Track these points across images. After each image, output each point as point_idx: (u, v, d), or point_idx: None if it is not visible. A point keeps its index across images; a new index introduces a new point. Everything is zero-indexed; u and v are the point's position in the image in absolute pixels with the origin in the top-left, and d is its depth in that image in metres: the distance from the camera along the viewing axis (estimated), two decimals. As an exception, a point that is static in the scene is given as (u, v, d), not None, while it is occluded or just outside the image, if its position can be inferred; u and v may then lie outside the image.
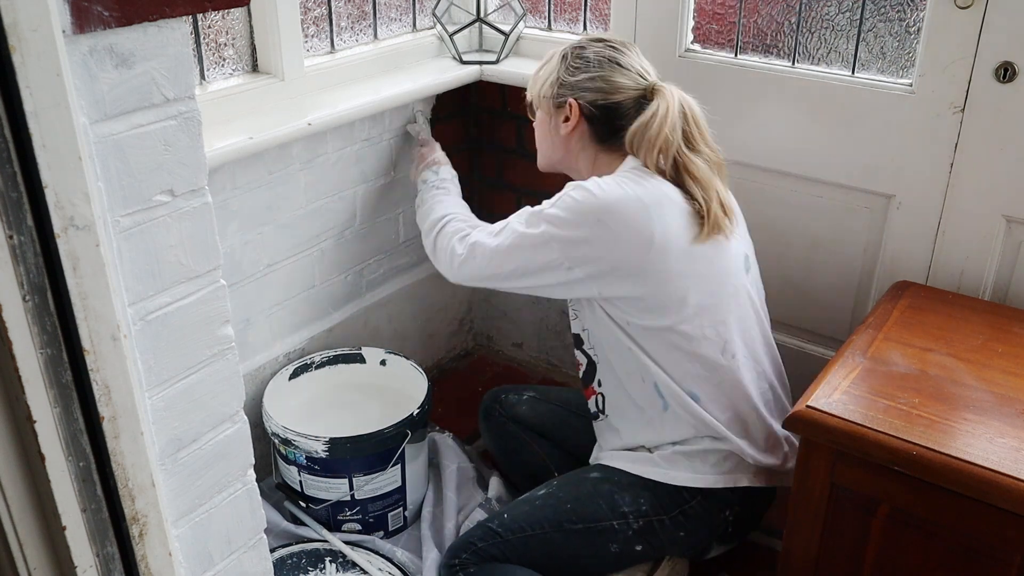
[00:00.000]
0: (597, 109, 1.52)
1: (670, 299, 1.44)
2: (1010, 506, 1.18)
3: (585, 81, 1.52)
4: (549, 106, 1.58)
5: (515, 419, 1.85)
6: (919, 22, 1.66)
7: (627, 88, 1.51)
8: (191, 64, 0.80)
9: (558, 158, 1.61)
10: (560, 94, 1.55)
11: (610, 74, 1.51)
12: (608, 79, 1.51)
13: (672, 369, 1.48)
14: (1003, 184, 1.62)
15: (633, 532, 1.49)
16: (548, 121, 1.60)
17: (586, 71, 1.53)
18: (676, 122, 1.47)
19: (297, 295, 1.95)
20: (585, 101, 1.52)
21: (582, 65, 1.53)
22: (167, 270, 0.83)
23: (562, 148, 1.59)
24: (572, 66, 1.54)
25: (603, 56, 1.53)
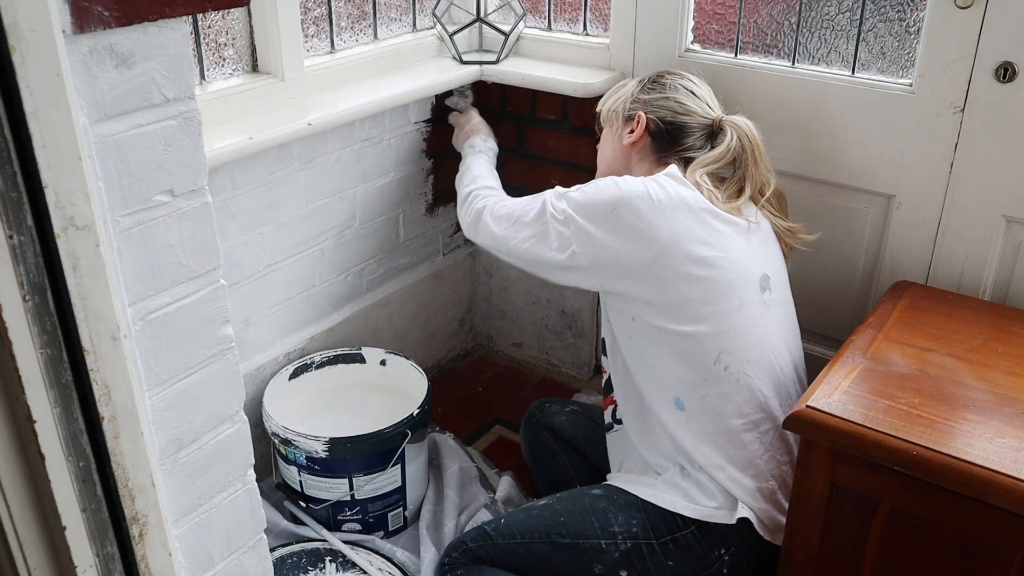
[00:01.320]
0: (664, 125, 1.60)
1: (671, 301, 1.44)
2: (1010, 506, 1.18)
3: (658, 99, 1.62)
4: (618, 120, 1.66)
5: (551, 428, 1.86)
6: (919, 22, 1.66)
7: (696, 114, 1.60)
8: (191, 64, 0.80)
9: (615, 169, 1.66)
10: (632, 108, 1.64)
11: (683, 98, 1.61)
12: (680, 101, 1.61)
13: (665, 372, 1.47)
14: (1003, 184, 1.62)
15: (620, 554, 1.46)
16: (612, 134, 1.68)
17: (661, 92, 1.63)
18: (755, 152, 1.57)
19: (297, 295, 1.95)
20: (654, 116, 1.61)
21: (657, 88, 1.64)
22: (167, 270, 0.83)
23: (623, 158, 1.65)
24: (648, 87, 1.65)
25: (678, 84, 1.64)
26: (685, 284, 1.43)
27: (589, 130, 2.10)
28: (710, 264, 1.44)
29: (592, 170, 2.13)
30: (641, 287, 1.45)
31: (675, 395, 1.47)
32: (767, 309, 1.51)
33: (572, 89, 2.00)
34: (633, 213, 1.44)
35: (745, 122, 1.59)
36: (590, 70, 2.05)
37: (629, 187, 1.47)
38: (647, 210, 1.44)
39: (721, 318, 1.45)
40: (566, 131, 2.13)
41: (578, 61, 2.09)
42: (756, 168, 1.57)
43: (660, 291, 1.44)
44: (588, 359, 2.35)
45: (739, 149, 1.56)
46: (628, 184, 1.47)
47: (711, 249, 1.44)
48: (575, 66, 2.08)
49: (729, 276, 1.46)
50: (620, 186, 1.47)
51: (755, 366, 1.47)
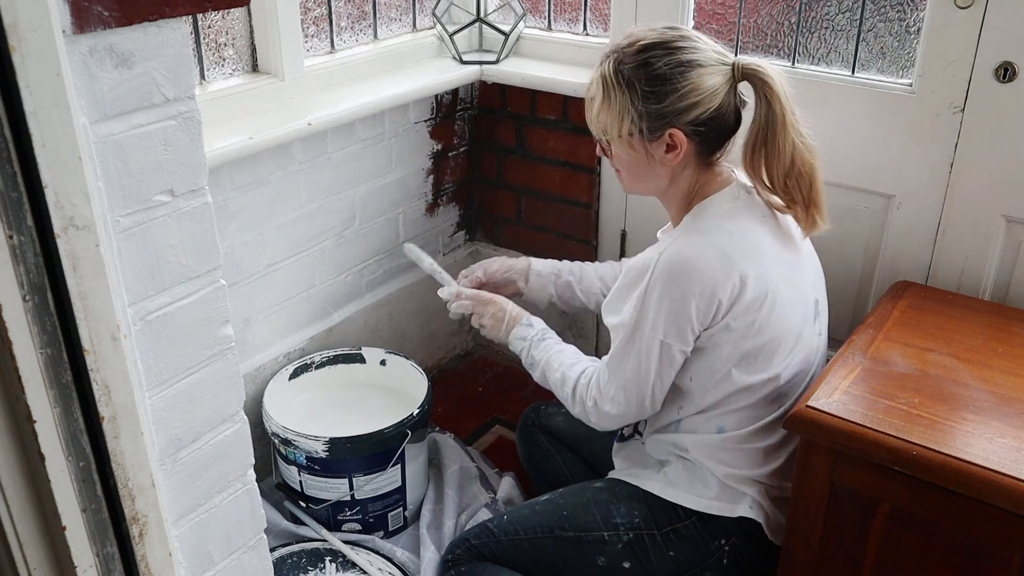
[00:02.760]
0: (703, 125, 1.36)
1: (744, 354, 1.40)
2: (1010, 506, 1.18)
3: (677, 101, 1.34)
4: (639, 140, 1.39)
5: (547, 430, 1.85)
6: (919, 22, 1.66)
7: (720, 86, 1.35)
8: (191, 64, 0.80)
9: (661, 188, 1.45)
10: (652, 127, 1.37)
11: (699, 81, 1.34)
12: (700, 88, 1.34)
13: (716, 408, 1.44)
14: (1003, 184, 1.62)
15: (623, 545, 1.46)
16: (639, 156, 1.42)
17: (671, 91, 1.34)
18: (787, 106, 1.34)
19: (297, 295, 1.95)
20: (687, 123, 1.36)
21: (661, 86, 1.34)
22: (167, 270, 0.83)
23: (667, 178, 1.43)
24: (647, 90, 1.35)
25: (679, 64, 1.34)
26: (765, 332, 1.39)
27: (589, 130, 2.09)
28: (779, 306, 1.39)
29: (591, 169, 2.13)
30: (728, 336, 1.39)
31: (720, 424, 1.46)
32: (818, 339, 1.52)
33: (572, 89, 2.00)
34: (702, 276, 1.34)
35: (770, 72, 1.35)
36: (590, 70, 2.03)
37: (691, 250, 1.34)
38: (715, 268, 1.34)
39: (786, 361, 1.44)
40: (566, 131, 2.13)
41: (578, 61, 2.09)
42: (785, 133, 1.35)
43: (743, 342, 1.39)
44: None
45: (787, 103, 1.34)
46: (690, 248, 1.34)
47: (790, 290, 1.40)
48: (575, 66, 2.08)
49: (795, 314, 1.43)
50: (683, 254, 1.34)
51: (800, 392, 1.47)
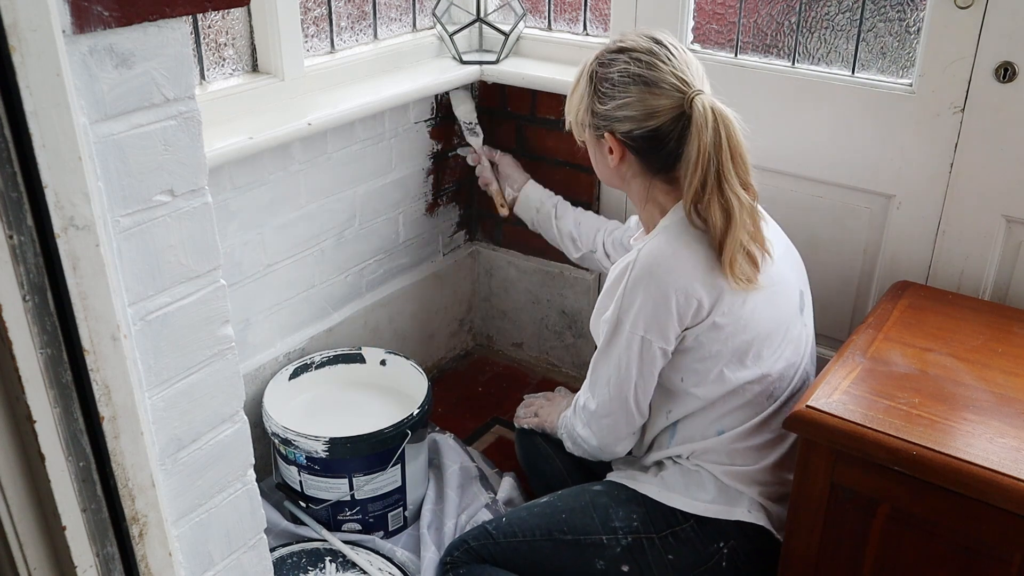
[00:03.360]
0: (636, 140, 1.40)
1: (733, 352, 1.41)
2: (1010, 506, 1.18)
3: (615, 110, 1.39)
4: (591, 135, 1.48)
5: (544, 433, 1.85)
6: (919, 22, 1.66)
7: (663, 110, 1.36)
8: (191, 64, 0.80)
9: (615, 184, 1.53)
10: (596, 124, 1.44)
11: (639, 98, 1.36)
12: (638, 104, 1.37)
13: (713, 408, 1.45)
14: (1003, 184, 1.62)
15: (621, 549, 1.46)
16: (592, 149, 1.52)
17: (613, 97, 1.39)
18: (709, 162, 1.33)
19: (297, 295, 1.95)
20: (621, 133, 1.40)
21: (609, 90, 1.39)
22: (167, 270, 0.83)
23: (617, 177, 1.50)
24: (599, 91, 1.41)
25: (628, 75, 1.37)
26: (743, 335, 1.41)
27: (589, 130, 2.10)
28: (755, 306, 1.41)
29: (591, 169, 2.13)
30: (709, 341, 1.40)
31: (719, 427, 1.47)
32: (805, 330, 1.53)
33: (572, 89, 2.00)
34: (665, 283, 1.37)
35: (713, 106, 1.33)
36: (590, 70, 2.04)
37: (651, 256, 1.37)
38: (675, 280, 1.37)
39: (776, 355, 1.45)
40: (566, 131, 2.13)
41: (578, 61, 2.06)
42: (725, 177, 1.34)
43: (731, 339, 1.41)
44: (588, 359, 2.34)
45: (712, 146, 1.33)
46: (649, 254, 1.37)
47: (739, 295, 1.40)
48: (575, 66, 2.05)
49: (778, 309, 1.44)
50: (643, 262, 1.37)
51: (794, 384, 1.49)
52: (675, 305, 1.37)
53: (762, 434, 1.46)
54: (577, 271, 2.23)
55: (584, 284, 2.24)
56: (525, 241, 2.31)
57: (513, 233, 2.34)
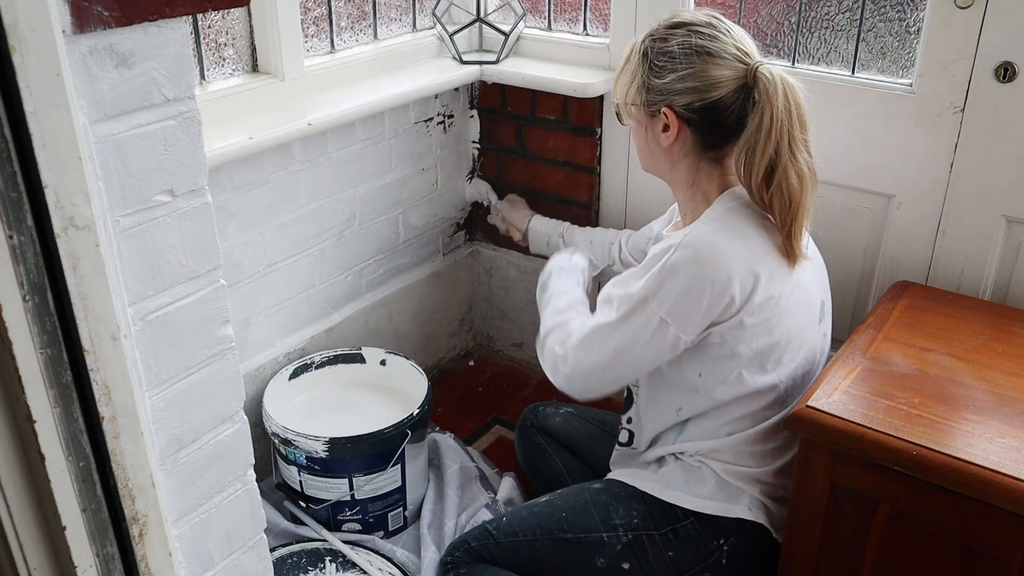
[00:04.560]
0: (696, 113, 1.36)
1: (754, 355, 1.40)
2: (1010, 506, 1.18)
3: (675, 82, 1.35)
4: (641, 114, 1.42)
5: (544, 431, 1.85)
6: (919, 22, 1.66)
7: (725, 80, 1.33)
8: (191, 64, 0.80)
9: (662, 167, 1.47)
10: (651, 101, 1.39)
11: (702, 68, 1.34)
12: (700, 75, 1.34)
13: (725, 411, 1.44)
14: (1003, 184, 1.62)
15: (622, 546, 1.46)
16: (644, 131, 1.44)
17: (673, 70, 1.35)
18: (783, 128, 1.31)
19: (297, 295, 1.95)
20: (680, 106, 1.36)
21: (667, 63, 1.36)
22: (167, 270, 0.83)
23: (666, 159, 1.44)
24: (656, 65, 1.37)
25: (689, 47, 1.34)
26: (769, 334, 1.39)
27: (589, 130, 2.10)
28: (785, 311, 1.39)
29: (591, 170, 2.14)
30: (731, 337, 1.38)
31: (730, 428, 1.46)
32: (823, 339, 1.52)
33: (572, 89, 2.00)
34: (708, 270, 1.33)
35: (777, 75, 1.32)
36: (590, 70, 2.05)
37: (700, 241, 1.34)
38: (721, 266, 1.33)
39: (795, 362, 1.44)
40: (566, 131, 2.13)
41: (578, 61, 2.09)
42: (795, 144, 1.32)
43: (747, 342, 1.39)
44: (588, 359, 2.35)
45: (785, 113, 1.31)
46: (698, 238, 1.34)
47: (784, 280, 1.38)
48: (575, 66, 2.08)
49: (802, 316, 1.43)
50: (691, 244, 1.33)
51: (805, 392, 1.47)
52: (707, 296, 1.33)
53: (771, 440, 1.45)
54: (577, 271, 2.23)
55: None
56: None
57: (513, 233, 2.34)
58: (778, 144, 1.32)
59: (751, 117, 1.34)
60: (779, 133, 1.32)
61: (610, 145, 2.10)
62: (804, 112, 1.35)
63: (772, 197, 1.35)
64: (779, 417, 1.44)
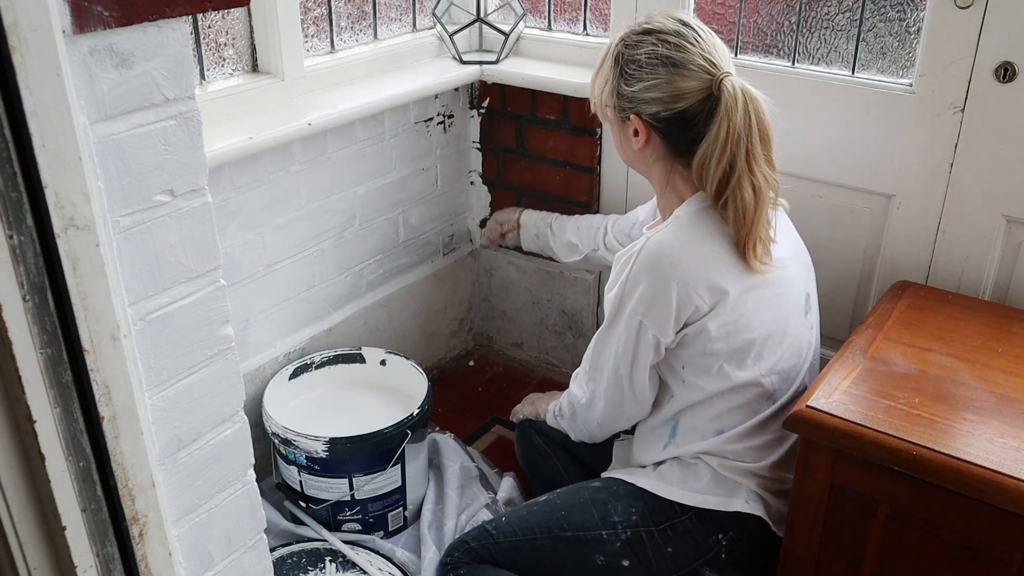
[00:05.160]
0: (662, 122, 1.39)
1: (734, 349, 1.42)
2: (1010, 506, 1.18)
3: (642, 91, 1.38)
4: (614, 117, 1.47)
5: (543, 431, 1.85)
6: (919, 22, 1.66)
7: (690, 92, 1.36)
8: (191, 64, 0.80)
9: (637, 167, 1.52)
10: (622, 107, 1.43)
11: (667, 79, 1.36)
12: (666, 86, 1.36)
13: (712, 407, 1.46)
14: (1003, 184, 1.62)
15: (621, 543, 1.46)
16: (618, 132, 1.50)
17: (641, 79, 1.38)
18: (740, 141, 1.33)
19: (297, 295, 1.95)
20: (647, 115, 1.39)
21: (636, 71, 1.39)
22: (167, 270, 0.83)
23: (639, 160, 1.49)
24: (626, 72, 1.40)
25: (656, 57, 1.37)
26: (746, 331, 1.41)
27: (589, 130, 2.10)
28: (761, 300, 1.41)
29: (591, 169, 2.14)
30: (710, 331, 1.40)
31: (719, 426, 1.47)
32: (810, 332, 1.53)
33: (572, 89, 2.00)
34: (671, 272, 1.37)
35: (743, 88, 1.35)
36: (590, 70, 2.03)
37: (660, 246, 1.38)
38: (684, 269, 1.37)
39: (777, 356, 1.45)
40: (566, 131, 2.13)
41: (578, 61, 2.09)
42: (753, 158, 1.35)
43: (732, 337, 1.41)
44: (588, 359, 2.35)
45: (743, 127, 1.33)
46: (659, 242, 1.38)
47: (748, 285, 1.40)
48: (575, 66, 2.08)
49: (782, 307, 1.45)
50: (651, 249, 1.38)
51: (795, 387, 1.49)
52: (675, 299, 1.37)
53: (761, 435, 1.46)
54: (577, 271, 2.23)
55: (584, 284, 2.24)
56: (525, 241, 2.31)
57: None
58: (734, 157, 1.34)
59: (710, 127, 1.35)
60: (735, 146, 1.34)
61: (610, 145, 2.10)
62: (767, 126, 1.37)
63: (726, 206, 1.38)
64: (767, 413, 1.46)
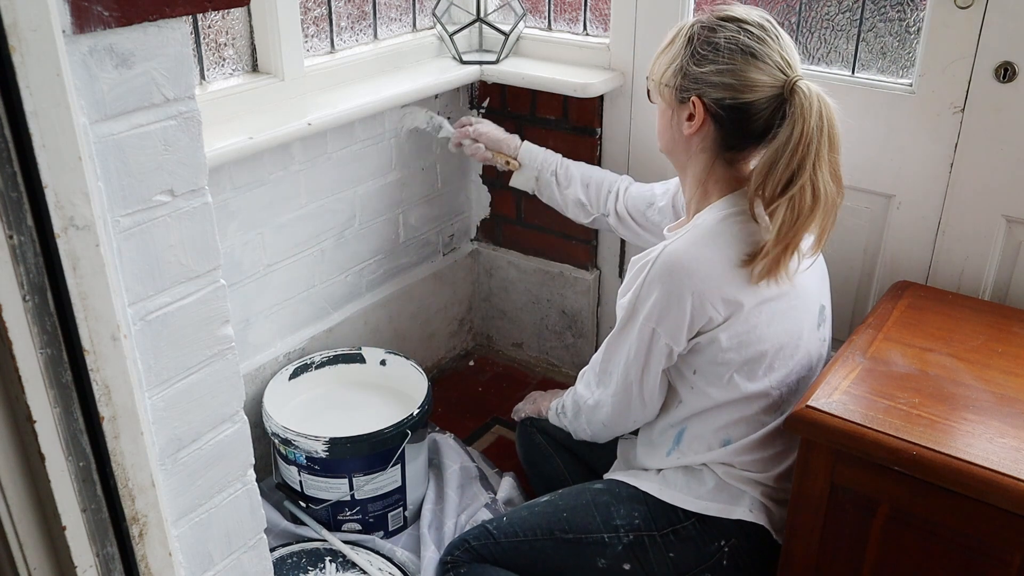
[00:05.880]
0: (725, 110, 1.36)
1: (745, 360, 1.41)
2: (1010, 506, 1.18)
3: (712, 74, 1.34)
4: (672, 97, 1.42)
5: (545, 431, 1.85)
6: (919, 22, 1.66)
7: (762, 85, 1.33)
8: (191, 64, 0.80)
9: (677, 155, 1.47)
10: (683, 86, 1.38)
11: (743, 68, 1.33)
12: (740, 74, 1.33)
13: (719, 417, 1.45)
14: (1003, 184, 1.62)
15: (623, 547, 1.46)
16: (671, 114, 1.44)
17: (714, 62, 1.34)
18: (812, 145, 1.30)
19: (297, 295, 1.95)
20: (711, 99, 1.36)
21: (710, 53, 1.35)
22: (167, 270, 0.83)
23: (683, 147, 1.44)
24: (699, 53, 1.36)
25: (735, 44, 1.33)
26: (758, 343, 1.40)
27: (589, 130, 2.10)
28: (776, 312, 1.40)
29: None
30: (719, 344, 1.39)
31: (726, 437, 1.46)
32: (822, 344, 1.52)
33: (572, 89, 2.00)
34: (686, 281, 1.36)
35: (819, 93, 1.32)
36: (590, 70, 2.05)
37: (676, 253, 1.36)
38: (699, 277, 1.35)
39: (788, 368, 1.45)
40: (566, 131, 2.13)
41: (578, 61, 2.09)
42: (819, 163, 1.31)
43: (744, 348, 1.40)
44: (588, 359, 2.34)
45: (816, 130, 1.30)
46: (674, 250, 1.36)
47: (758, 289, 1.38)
48: (575, 66, 2.08)
49: (796, 320, 1.44)
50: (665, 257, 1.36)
51: (801, 397, 1.47)
52: (689, 308, 1.36)
53: (769, 448, 1.46)
54: (577, 271, 2.23)
55: (584, 284, 2.24)
56: (525, 241, 2.31)
57: (513, 233, 2.34)
58: (803, 159, 1.31)
59: (782, 128, 1.33)
60: (806, 149, 1.31)
61: (610, 145, 2.10)
62: (837, 133, 1.34)
63: (779, 208, 1.33)
64: (775, 424, 1.44)
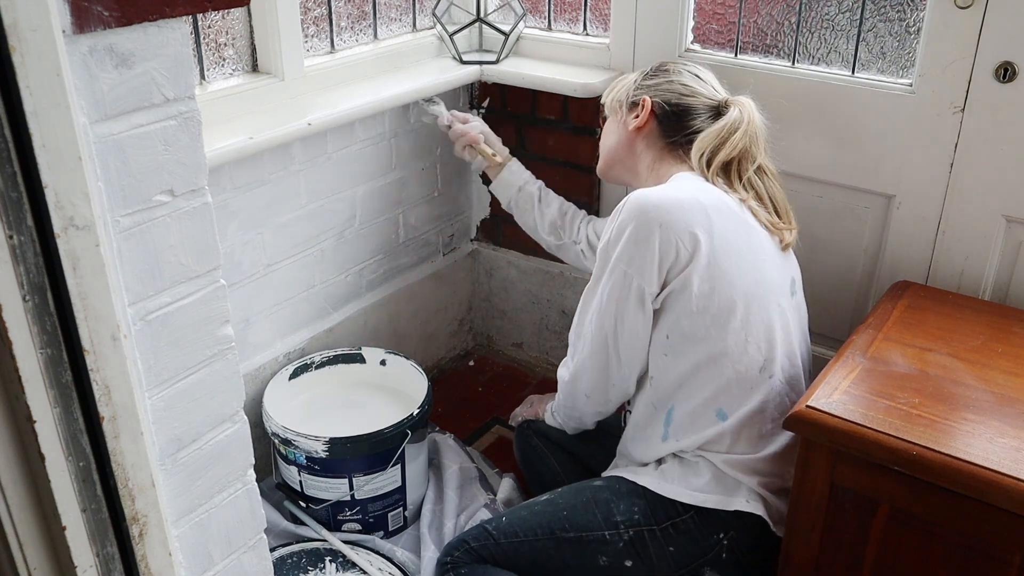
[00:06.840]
0: (670, 107, 1.60)
1: (719, 308, 1.43)
2: (1010, 506, 1.18)
3: (662, 83, 1.62)
4: (622, 108, 1.66)
5: (540, 432, 1.85)
6: (919, 22, 1.66)
7: (702, 95, 1.60)
8: (191, 64, 0.80)
9: (620, 157, 1.67)
10: (636, 93, 1.64)
11: (687, 81, 1.61)
12: (685, 84, 1.61)
13: (704, 383, 1.46)
14: (1003, 184, 1.62)
15: (624, 544, 1.47)
16: (617, 122, 1.67)
17: (664, 77, 1.64)
18: (757, 131, 1.55)
19: (297, 295, 1.95)
20: (659, 99, 1.61)
21: (660, 74, 1.65)
22: (167, 270, 0.83)
23: (627, 146, 1.65)
24: (651, 74, 1.66)
25: (682, 69, 1.64)
26: (734, 291, 1.43)
27: (589, 130, 2.10)
28: (753, 268, 1.46)
29: (591, 169, 2.13)
30: (694, 289, 1.43)
31: (717, 407, 1.47)
32: (798, 312, 1.55)
33: (572, 89, 2.00)
34: (678, 216, 1.43)
35: (749, 101, 1.59)
36: (590, 70, 2.05)
37: (663, 194, 1.46)
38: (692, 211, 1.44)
39: (765, 325, 1.46)
40: (566, 131, 2.13)
41: (578, 61, 2.09)
42: (755, 146, 1.55)
43: (711, 296, 1.43)
44: (588, 359, 2.35)
45: (740, 123, 1.54)
46: (660, 192, 1.46)
47: (753, 255, 1.47)
48: (575, 66, 2.08)
49: (772, 281, 1.48)
50: (651, 197, 1.44)
51: (787, 371, 1.50)
52: (657, 242, 1.41)
53: (763, 421, 1.47)
54: (577, 271, 2.23)
55: (584, 284, 2.23)
56: (525, 241, 2.31)
57: (513, 233, 2.34)
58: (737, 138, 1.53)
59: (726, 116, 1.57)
60: (756, 135, 1.56)
61: (610, 145, 2.10)
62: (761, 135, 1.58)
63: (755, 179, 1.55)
64: (763, 394, 1.46)
